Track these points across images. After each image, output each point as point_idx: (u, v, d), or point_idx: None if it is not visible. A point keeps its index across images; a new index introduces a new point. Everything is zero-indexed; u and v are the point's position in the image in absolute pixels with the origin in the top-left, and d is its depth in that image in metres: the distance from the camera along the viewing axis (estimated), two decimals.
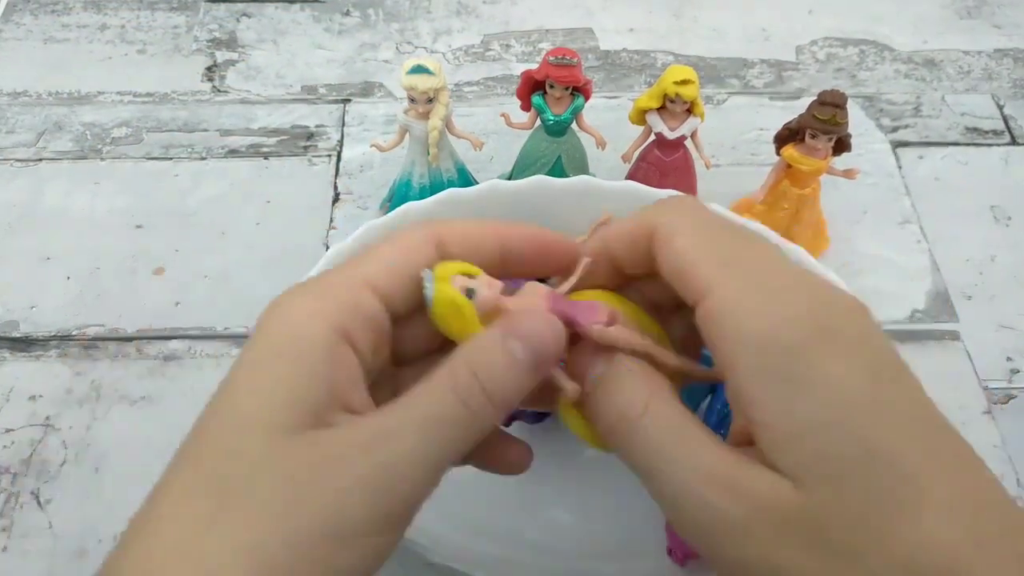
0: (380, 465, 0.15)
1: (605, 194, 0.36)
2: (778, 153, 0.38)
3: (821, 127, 0.36)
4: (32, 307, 0.39)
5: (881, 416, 0.15)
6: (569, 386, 0.18)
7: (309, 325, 0.16)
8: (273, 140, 0.46)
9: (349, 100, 0.48)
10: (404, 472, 0.15)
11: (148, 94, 0.48)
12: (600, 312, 0.18)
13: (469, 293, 0.18)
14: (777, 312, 0.16)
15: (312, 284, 0.17)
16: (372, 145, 0.40)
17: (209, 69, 0.50)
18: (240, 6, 0.53)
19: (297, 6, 0.53)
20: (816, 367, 0.15)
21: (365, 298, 0.17)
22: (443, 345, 0.19)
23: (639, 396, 0.17)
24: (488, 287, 0.18)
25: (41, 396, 0.36)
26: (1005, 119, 0.48)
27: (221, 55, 0.51)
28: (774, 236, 0.34)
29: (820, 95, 0.36)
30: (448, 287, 0.18)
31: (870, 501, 0.15)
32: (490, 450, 0.19)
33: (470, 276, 0.18)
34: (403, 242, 0.18)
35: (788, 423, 0.15)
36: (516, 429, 0.32)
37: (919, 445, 0.15)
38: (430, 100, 0.37)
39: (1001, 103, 0.49)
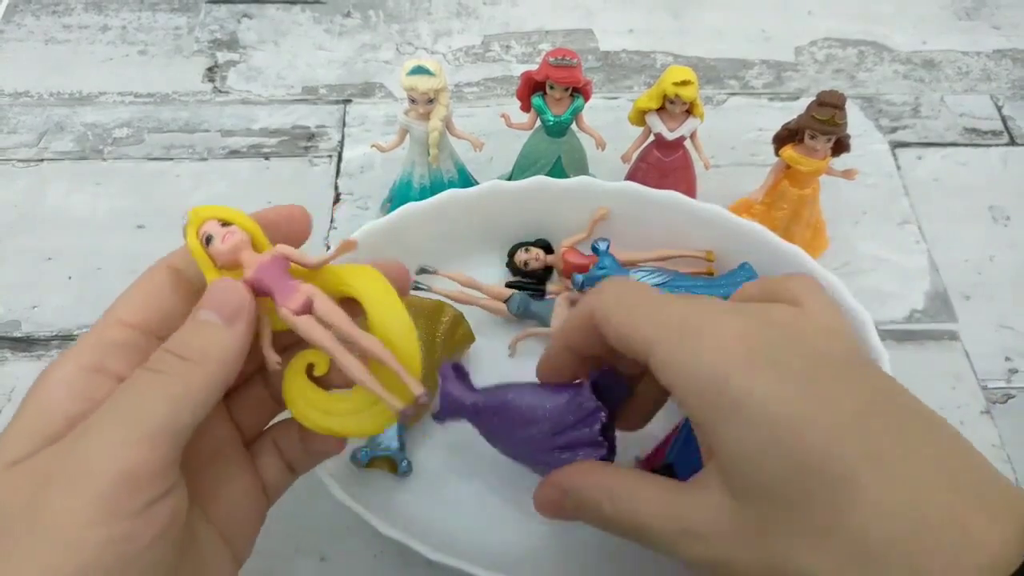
0: (81, 459, 0.16)
1: (605, 194, 0.36)
2: (777, 154, 0.38)
3: (820, 128, 0.36)
4: (34, 307, 0.39)
5: (811, 426, 0.17)
6: (268, 356, 0.20)
7: (56, 369, 0.18)
8: (274, 141, 0.46)
9: (350, 101, 0.48)
10: (111, 456, 0.16)
11: (149, 95, 0.49)
12: (294, 296, 0.19)
13: (207, 240, 0.19)
14: (706, 346, 0.19)
15: (78, 341, 0.20)
16: (372, 146, 0.40)
17: (210, 70, 0.50)
18: (241, 7, 0.53)
19: (298, 7, 0.54)
20: (745, 391, 0.17)
21: (114, 332, 0.19)
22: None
23: (600, 495, 0.21)
24: (225, 239, 0.19)
25: None
26: (1004, 120, 0.48)
27: (222, 56, 0.51)
28: (772, 236, 0.34)
29: (819, 96, 0.36)
30: (192, 232, 0.20)
31: (804, 509, 0.16)
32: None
33: (224, 223, 0.20)
34: (141, 277, 0.21)
35: (727, 450, 0.18)
36: None
37: (853, 447, 0.16)
38: (430, 101, 0.37)
39: (1000, 104, 0.49)
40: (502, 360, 0.36)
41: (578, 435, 0.24)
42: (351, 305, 0.20)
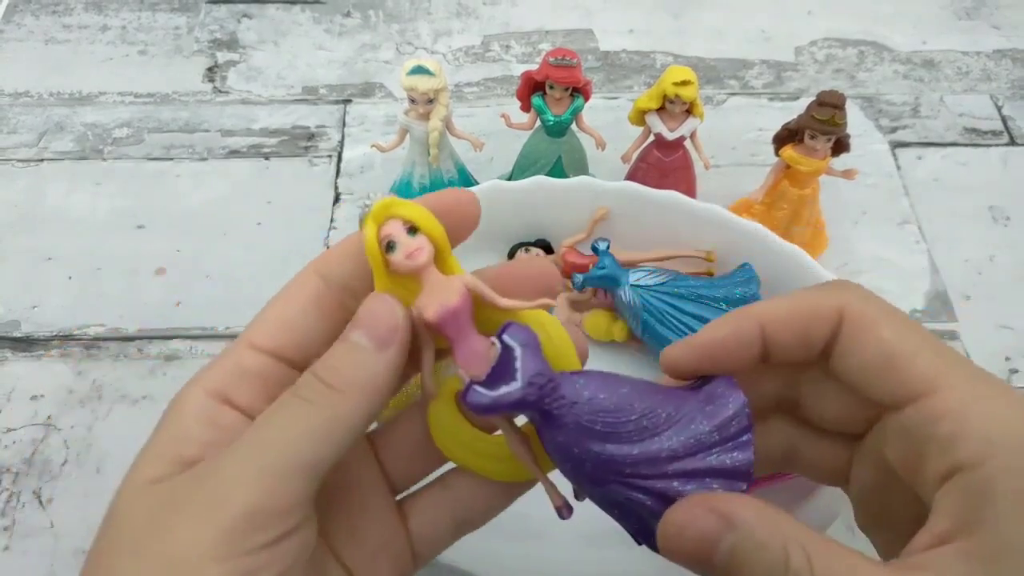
0: (212, 489, 0.15)
1: (605, 194, 0.36)
2: (777, 154, 0.38)
3: (820, 128, 0.36)
4: (34, 307, 0.39)
5: None
6: (427, 385, 0.18)
7: (186, 394, 0.17)
8: (274, 141, 0.46)
9: (350, 101, 0.48)
10: (242, 488, 0.15)
11: (149, 95, 0.48)
12: (479, 363, 0.17)
13: (389, 246, 0.17)
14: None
15: (212, 362, 0.19)
16: (372, 146, 0.40)
17: (210, 70, 0.50)
18: (241, 7, 0.53)
19: (298, 7, 0.54)
20: None
21: (244, 356, 0.18)
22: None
23: (793, 550, 0.15)
24: (413, 255, 0.17)
25: (43, 396, 0.36)
26: (1004, 120, 0.48)
27: (222, 56, 0.51)
28: (772, 236, 0.34)
29: (819, 96, 0.36)
30: (372, 230, 0.17)
31: None
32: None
33: (412, 229, 0.17)
34: (287, 289, 0.19)
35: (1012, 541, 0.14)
36: None
37: None
38: (430, 101, 0.37)
39: (1000, 104, 0.49)
40: None
41: (719, 460, 0.16)
42: None
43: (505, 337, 0.17)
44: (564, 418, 0.16)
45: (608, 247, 0.35)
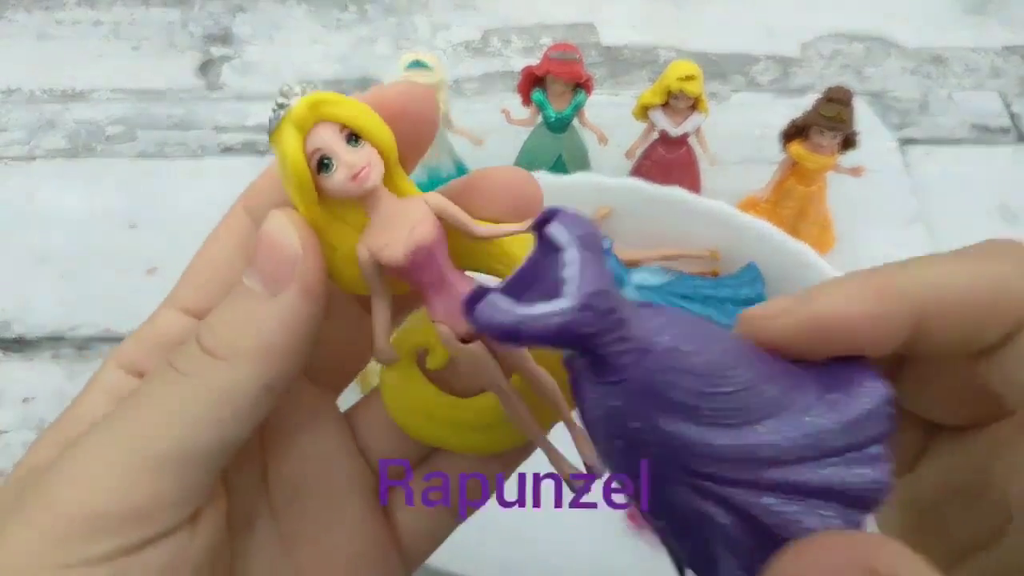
0: (49, 486, 0.13)
1: (607, 191, 0.36)
2: (784, 150, 0.37)
3: (827, 124, 0.35)
4: (25, 307, 0.39)
5: None
6: (381, 346, 0.13)
7: (101, 368, 0.14)
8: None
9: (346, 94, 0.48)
10: (81, 488, 0.12)
11: (142, 91, 0.48)
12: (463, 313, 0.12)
13: (323, 164, 0.12)
14: None
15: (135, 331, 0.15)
16: None
17: (204, 65, 0.49)
18: (235, 1, 0.53)
19: (293, 1, 0.53)
20: None
21: (166, 322, 0.14)
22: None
23: None
24: (360, 175, 0.12)
25: (34, 398, 0.36)
26: (1012, 117, 0.47)
27: (216, 51, 0.50)
28: (779, 233, 0.34)
29: (826, 92, 0.35)
30: (295, 140, 0.12)
31: None
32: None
33: (353, 135, 0.12)
34: (213, 234, 0.15)
35: None
36: None
37: None
38: None
39: (1009, 100, 0.48)
40: None
41: (840, 475, 0.11)
42: None
43: (552, 229, 0.11)
44: (627, 371, 0.11)
45: (611, 246, 0.35)
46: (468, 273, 0.13)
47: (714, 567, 0.12)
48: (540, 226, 0.11)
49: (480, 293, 0.11)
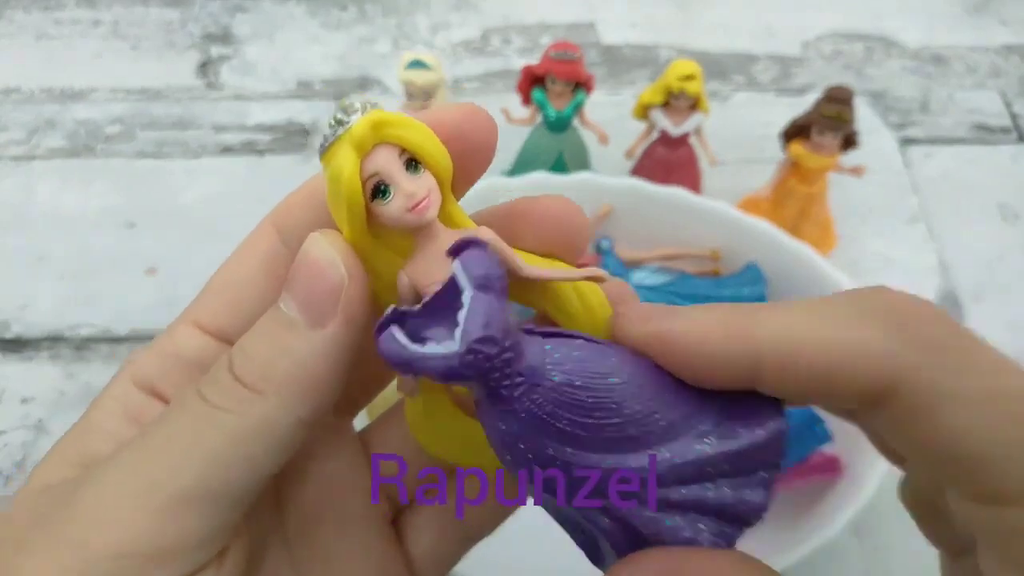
0: (71, 518, 0.12)
1: (608, 191, 0.35)
2: (784, 150, 0.37)
3: (828, 124, 0.35)
4: (24, 307, 0.39)
5: None
6: (405, 382, 0.13)
7: (110, 385, 0.14)
8: (268, 137, 0.46)
9: (346, 95, 0.48)
10: (107, 523, 0.12)
11: (141, 90, 0.48)
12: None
13: (379, 189, 0.11)
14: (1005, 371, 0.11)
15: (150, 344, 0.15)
16: None
17: (203, 65, 0.49)
18: (234, 1, 0.52)
19: (293, 0, 0.53)
20: None
21: (184, 339, 0.14)
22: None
23: None
24: (419, 207, 0.11)
25: (33, 398, 0.36)
26: (1013, 116, 0.47)
27: (215, 50, 0.50)
28: (780, 233, 0.33)
29: (827, 91, 0.35)
30: (353, 162, 0.11)
31: None
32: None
33: (413, 160, 0.12)
34: (238, 250, 0.14)
35: None
36: None
37: None
38: (428, 95, 0.36)
39: (1009, 100, 0.48)
40: None
41: (721, 494, 0.12)
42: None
43: (455, 268, 0.11)
44: (516, 402, 0.12)
45: (611, 246, 0.35)
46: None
47: (601, 559, 0.13)
48: (454, 253, 0.12)
49: (389, 319, 0.11)
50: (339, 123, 0.12)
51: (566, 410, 0.12)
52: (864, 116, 0.46)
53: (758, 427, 0.12)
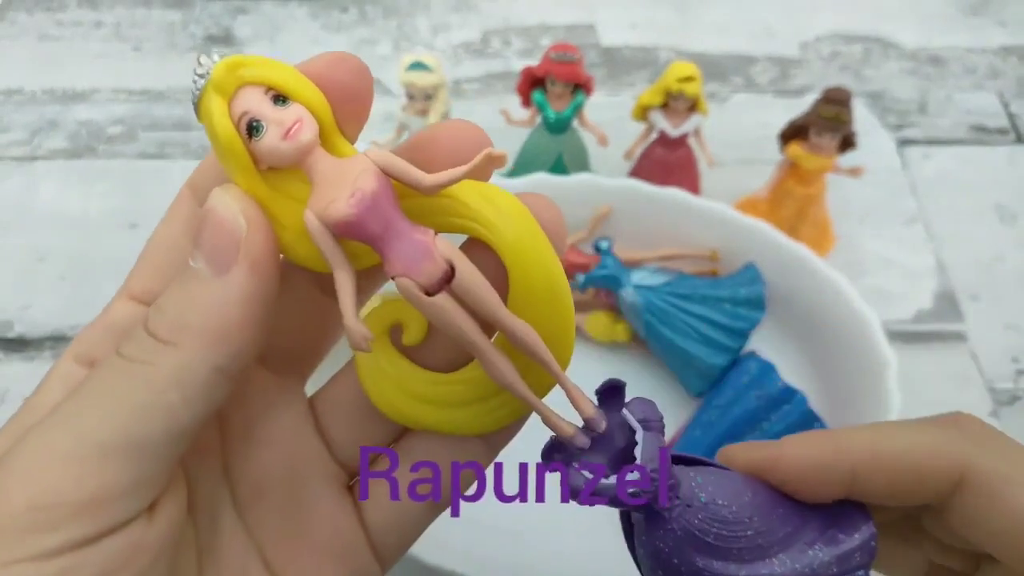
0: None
1: (607, 192, 0.36)
2: (783, 151, 0.38)
3: (826, 125, 0.35)
4: (26, 307, 0.39)
5: None
6: (350, 325, 0.12)
7: (54, 366, 0.14)
8: None
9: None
10: (29, 478, 0.12)
11: (143, 91, 0.48)
12: (426, 262, 0.12)
13: (252, 128, 0.12)
14: None
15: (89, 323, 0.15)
16: (372, 143, 0.39)
17: None
18: (236, 2, 0.53)
19: (294, 2, 0.53)
20: None
21: (120, 310, 0.14)
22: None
23: None
24: (292, 133, 0.12)
25: None
26: (1011, 117, 0.47)
27: (217, 52, 0.50)
28: (778, 234, 0.34)
29: (825, 92, 0.35)
30: (220, 106, 0.12)
31: None
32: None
33: (279, 95, 0.12)
34: (163, 218, 0.15)
35: None
36: None
37: None
38: (428, 97, 0.36)
39: (1007, 101, 0.48)
40: None
41: None
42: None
43: (625, 412, 0.13)
44: (674, 522, 0.14)
45: (610, 246, 0.35)
46: (439, 234, 0.13)
47: None
48: (602, 395, 0.14)
49: (556, 444, 0.14)
50: (200, 77, 0.12)
51: (712, 525, 0.14)
52: (862, 117, 0.46)
53: (855, 532, 0.15)
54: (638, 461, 0.13)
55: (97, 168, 0.44)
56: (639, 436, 0.13)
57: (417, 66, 0.35)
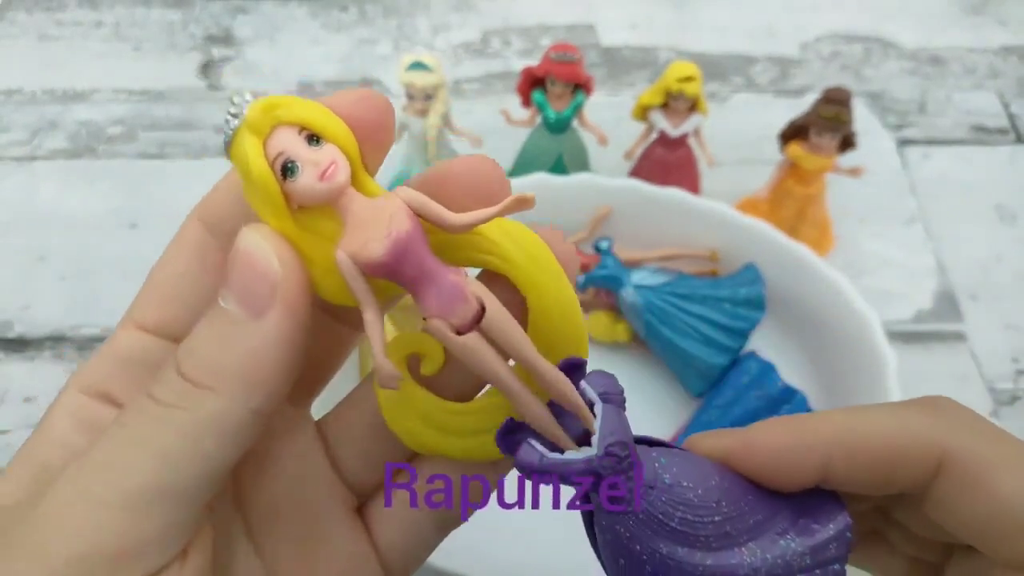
0: (33, 530, 0.12)
1: (607, 192, 0.36)
2: (783, 151, 0.38)
3: (826, 125, 0.35)
4: (26, 307, 0.39)
5: None
6: (379, 359, 0.12)
7: (58, 398, 0.14)
8: None
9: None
10: (68, 529, 0.12)
11: (143, 91, 0.48)
12: (458, 303, 0.12)
13: (287, 168, 0.12)
14: None
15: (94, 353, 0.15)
16: None
17: (205, 66, 0.49)
18: (236, 2, 0.53)
19: (294, 2, 0.53)
20: None
21: (127, 341, 0.14)
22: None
23: None
24: (327, 174, 0.12)
25: (36, 398, 0.36)
26: (1011, 117, 0.47)
27: (217, 51, 0.50)
28: (778, 234, 0.34)
29: (825, 92, 0.35)
30: (255, 147, 0.12)
31: None
32: None
33: (313, 136, 0.12)
34: (169, 246, 0.14)
35: None
36: None
37: None
38: (428, 97, 0.36)
39: (1007, 101, 0.48)
40: None
41: None
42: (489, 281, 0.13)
43: (584, 384, 0.13)
44: (635, 503, 0.13)
45: (610, 246, 0.35)
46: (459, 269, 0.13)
47: None
48: (567, 371, 0.13)
49: (508, 428, 0.13)
50: (233, 116, 0.12)
51: (677, 508, 0.13)
52: (862, 117, 0.46)
53: (829, 522, 0.14)
54: (596, 434, 0.13)
55: (97, 168, 0.44)
56: (597, 409, 0.13)
57: (417, 66, 0.35)
